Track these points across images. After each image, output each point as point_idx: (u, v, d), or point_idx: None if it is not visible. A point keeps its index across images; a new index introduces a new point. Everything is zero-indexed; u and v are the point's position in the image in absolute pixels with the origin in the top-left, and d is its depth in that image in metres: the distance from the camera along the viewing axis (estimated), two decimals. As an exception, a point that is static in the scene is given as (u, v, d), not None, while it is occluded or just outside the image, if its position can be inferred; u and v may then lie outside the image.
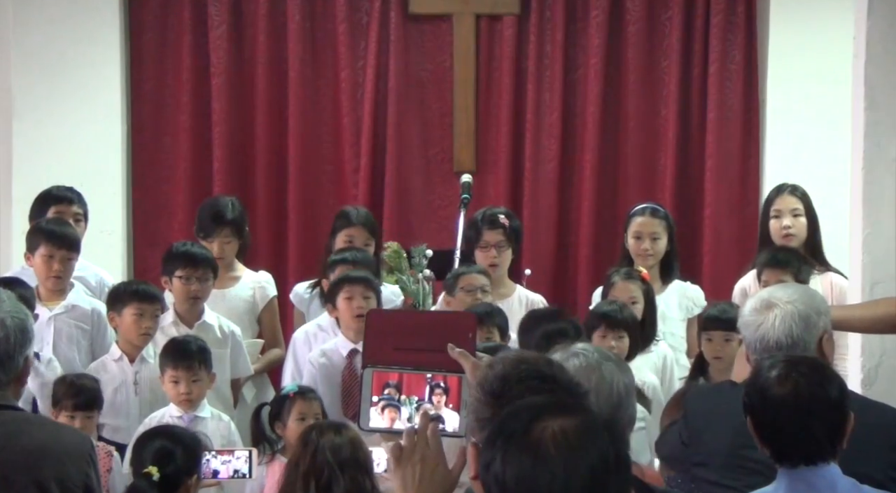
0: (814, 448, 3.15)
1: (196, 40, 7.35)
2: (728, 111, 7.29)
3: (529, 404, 2.31)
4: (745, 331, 3.66)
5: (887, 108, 4.72)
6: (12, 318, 3.13)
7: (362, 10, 7.37)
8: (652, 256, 5.93)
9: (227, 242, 5.94)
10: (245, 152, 7.40)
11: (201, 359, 5.12)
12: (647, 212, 6.02)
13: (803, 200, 5.90)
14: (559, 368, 2.71)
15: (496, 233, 5.88)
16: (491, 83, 7.40)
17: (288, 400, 5.00)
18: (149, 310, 5.34)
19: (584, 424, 2.19)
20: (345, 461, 3.97)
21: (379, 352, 2.96)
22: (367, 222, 6.00)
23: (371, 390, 2.93)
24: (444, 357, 2.90)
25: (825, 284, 5.77)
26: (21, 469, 3.05)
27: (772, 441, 3.18)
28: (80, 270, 5.83)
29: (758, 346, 3.59)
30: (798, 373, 3.19)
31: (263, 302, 6.05)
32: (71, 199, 5.87)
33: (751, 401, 3.21)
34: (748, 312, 3.65)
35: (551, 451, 2.14)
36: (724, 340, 5.17)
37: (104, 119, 7.24)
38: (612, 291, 5.58)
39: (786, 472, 3.16)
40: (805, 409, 3.14)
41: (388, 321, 3.12)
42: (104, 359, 5.42)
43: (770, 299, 3.65)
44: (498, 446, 2.18)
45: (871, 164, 4.73)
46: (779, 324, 3.59)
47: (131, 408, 5.32)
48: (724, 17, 7.28)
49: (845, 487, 3.15)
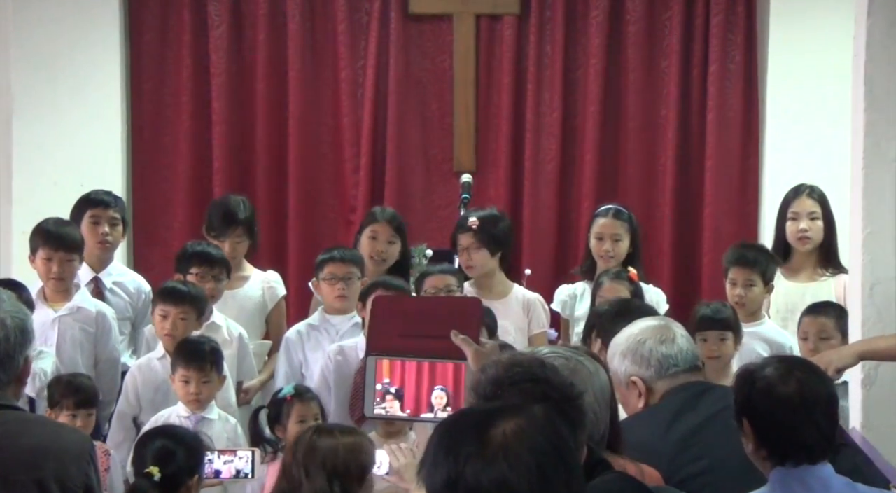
0: (817, 446, 3.15)
1: (196, 40, 7.35)
2: (728, 111, 7.29)
3: (468, 414, 2.30)
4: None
5: (887, 108, 4.72)
6: (12, 318, 3.12)
7: (362, 9, 7.37)
8: (613, 257, 5.96)
9: (238, 242, 5.96)
10: (245, 152, 7.40)
11: (213, 360, 5.13)
12: (610, 213, 6.05)
13: (821, 203, 5.89)
14: (552, 370, 2.71)
15: (466, 236, 5.89)
16: (491, 83, 7.40)
17: (286, 404, 4.99)
18: (172, 312, 5.34)
19: (531, 417, 2.19)
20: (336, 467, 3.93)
21: (383, 339, 2.95)
22: (392, 220, 6.03)
23: (375, 377, 2.93)
24: (448, 344, 2.90)
25: (838, 287, 5.77)
26: (21, 469, 3.05)
27: (775, 441, 3.17)
28: (119, 275, 5.85)
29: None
30: (799, 371, 3.21)
31: (273, 302, 6.07)
32: (108, 203, 5.85)
33: (751, 402, 3.21)
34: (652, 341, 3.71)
35: (520, 450, 2.14)
36: (719, 339, 5.18)
37: (104, 119, 7.24)
38: (601, 291, 5.61)
39: (780, 472, 3.15)
40: (810, 406, 3.16)
41: (393, 308, 3.12)
42: (150, 357, 5.43)
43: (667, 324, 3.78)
44: (462, 461, 2.13)
45: (871, 164, 4.73)
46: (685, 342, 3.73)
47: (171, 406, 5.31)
48: (724, 17, 7.28)
49: (839, 486, 3.15)
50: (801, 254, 5.90)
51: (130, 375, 5.41)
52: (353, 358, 5.39)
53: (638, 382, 3.69)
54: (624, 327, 3.85)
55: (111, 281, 5.83)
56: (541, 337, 5.89)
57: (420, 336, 2.94)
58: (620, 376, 3.72)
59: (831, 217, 5.90)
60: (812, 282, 5.88)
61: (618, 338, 3.80)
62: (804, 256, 5.89)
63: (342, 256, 5.71)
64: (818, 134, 6.99)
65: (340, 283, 5.64)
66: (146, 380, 5.35)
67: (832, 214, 5.90)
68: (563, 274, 7.28)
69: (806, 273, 5.91)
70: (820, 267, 5.88)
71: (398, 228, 6.02)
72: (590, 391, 2.91)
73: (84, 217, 5.77)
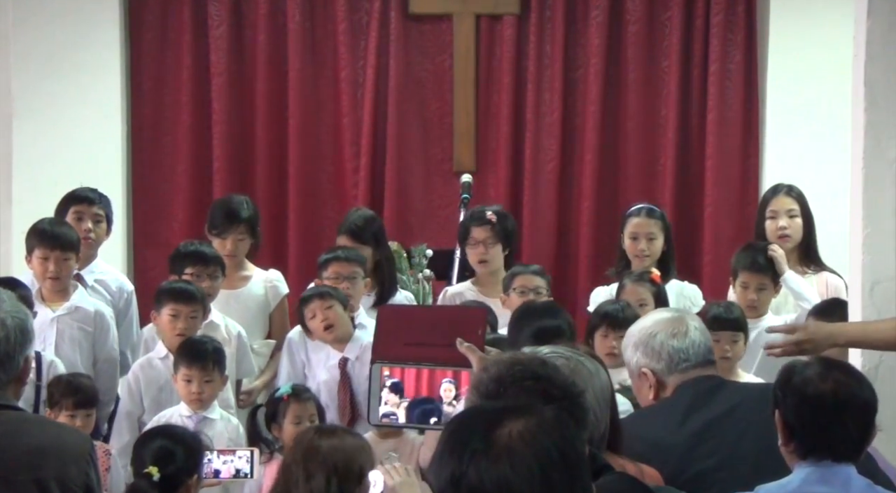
0: (844, 446, 3.19)
1: (196, 40, 7.35)
2: (728, 111, 7.29)
3: (477, 412, 2.31)
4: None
5: (887, 108, 4.71)
6: (12, 318, 3.12)
7: (362, 9, 7.37)
8: (648, 256, 5.93)
9: (241, 240, 5.95)
10: (245, 152, 7.40)
11: (215, 360, 5.13)
12: (644, 212, 6.03)
13: (799, 201, 5.91)
14: (553, 368, 2.71)
15: (483, 229, 5.88)
16: (491, 83, 7.40)
17: (283, 403, 4.99)
18: (184, 311, 5.34)
19: (541, 420, 2.19)
20: (337, 468, 3.94)
21: (389, 347, 2.97)
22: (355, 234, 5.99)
23: (380, 385, 2.94)
24: (453, 352, 2.91)
25: (820, 284, 5.79)
26: (21, 469, 3.05)
27: (802, 436, 3.20)
28: (101, 273, 5.84)
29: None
30: (838, 372, 3.25)
31: (276, 300, 6.06)
32: (92, 199, 5.84)
33: (785, 397, 3.23)
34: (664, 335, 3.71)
35: (525, 452, 2.14)
36: (731, 340, 5.19)
37: (104, 119, 7.25)
38: (622, 293, 5.59)
39: (806, 466, 3.19)
40: (842, 407, 3.19)
41: (398, 317, 3.13)
42: (150, 357, 5.43)
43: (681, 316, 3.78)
44: (466, 460, 2.14)
45: (871, 164, 4.72)
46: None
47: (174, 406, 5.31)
48: (724, 16, 7.29)
49: (859, 486, 3.18)
50: None
51: (132, 374, 5.41)
52: (367, 359, 5.39)
53: (648, 374, 3.69)
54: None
55: (93, 279, 5.81)
56: (543, 336, 5.88)
57: (425, 344, 2.95)
58: (632, 366, 3.74)
59: (810, 215, 5.91)
60: None
61: (631, 329, 3.82)
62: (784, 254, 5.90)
63: (346, 255, 5.70)
64: (818, 134, 7.00)
65: (344, 282, 5.63)
66: (148, 380, 5.35)
67: (811, 212, 5.91)
68: (562, 274, 7.29)
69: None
70: (801, 265, 5.88)
71: (364, 241, 5.96)
72: (590, 391, 2.91)
73: (68, 213, 5.77)
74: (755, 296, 5.57)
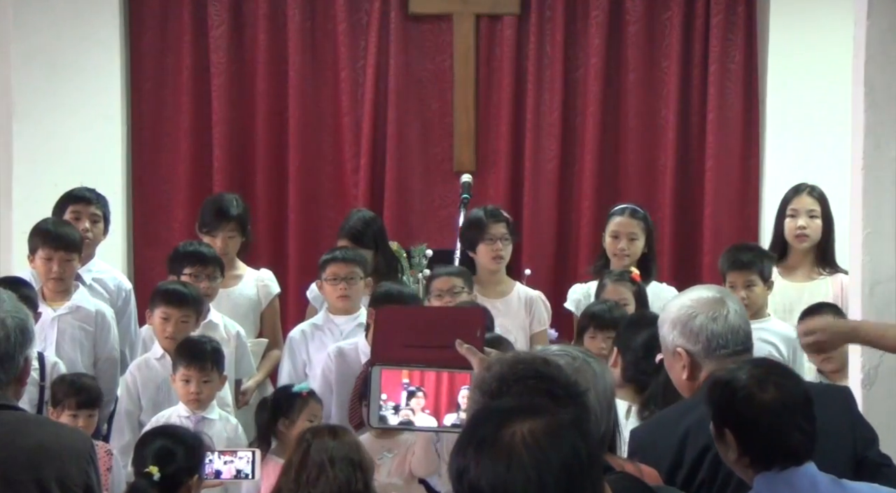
0: (801, 448, 3.15)
1: (196, 40, 7.35)
2: (728, 111, 7.29)
3: (495, 409, 2.31)
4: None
5: (887, 108, 4.72)
6: (12, 318, 3.13)
7: (362, 9, 7.37)
8: (628, 256, 5.97)
9: (230, 237, 5.96)
10: (245, 152, 7.40)
11: (214, 360, 5.13)
12: (626, 212, 6.07)
13: (820, 202, 5.92)
14: (556, 367, 2.72)
15: (500, 226, 5.91)
16: (491, 83, 7.40)
17: (300, 399, 5.01)
18: (175, 315, 5.34)
19: (552, 424, 2.19)
20: (335, 458, 3.98)
21: (388, 349, 2.97)
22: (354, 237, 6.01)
23: (380, 388, 2.94)
24: (452, 354, 2.91)
25: (835, 285, 5.79)
26: (22, 469, 3.05)
27: (760, 448, 3.15)
28: (98, 272, 5.85)
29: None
30: (774, 376, 3.18)
31: (267, 300, 6.07)
32: (89, 199, 5.86)
33: (733, 412, 3.17)
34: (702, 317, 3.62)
35: (523, 454, 2.14)
36: None
37: (104, 119, 7.24)
38: (603, 293, 5.62)
39: (766, 477, 3.13)
40: (791, 410, 3.14)
41: (397, 318, 3.13)
42: (147, 357, 5.43)
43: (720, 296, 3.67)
44: (469, 455, 2.17)
45: (871, 164, 4.73)
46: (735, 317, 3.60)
47: (173, 406, 5.31)
48: (724, 17, 7.28)
49: (825, 484, 3.15)
50: (798, 252, 5.91)
51: (130, 374, 5.41)
52: (353, 359, 5.39)
53: (683, 354, 3.57)
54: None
55: (91, 278, 5.82)
56: (542, 335, 5.90)
57: (424, 346, 2.95)
58: (668, 343, 3.61)
59: (830, 217, 5.92)
60: (809, 281, 5.90)
61: (669, 305, 3.67)
62: (801, 254, 5.91)
63: (344, 256, 5.71)
64: (818, 134, 7.00)
65: (343, 283, 5.65)
66: (146, 380, 5.36)
67: (831, 214, 5.92)
68: (562, 274, 7.30)
69: (803, 272, 5.93)
70: (817, 266, 5.90)
71: (365, 245, 5.97)
72: (593, 392, 2.91)
73: (65, 213, 5.78)
74: (744, 294, 5.56)
